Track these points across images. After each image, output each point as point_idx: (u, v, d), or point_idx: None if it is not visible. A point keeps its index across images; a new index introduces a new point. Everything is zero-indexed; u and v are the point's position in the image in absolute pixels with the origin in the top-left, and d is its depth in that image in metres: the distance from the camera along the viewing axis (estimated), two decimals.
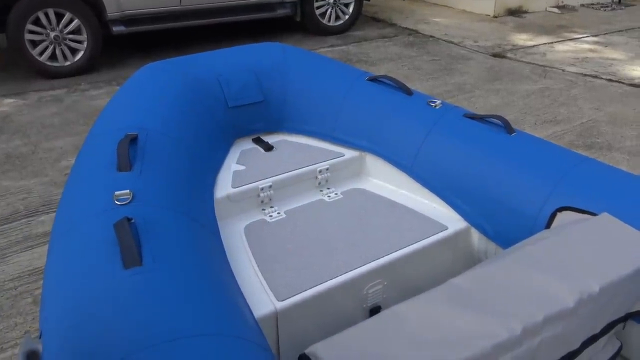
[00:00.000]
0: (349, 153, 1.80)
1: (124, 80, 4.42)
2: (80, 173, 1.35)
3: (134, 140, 1.40)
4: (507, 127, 1.56)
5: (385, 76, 1.85)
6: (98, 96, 4.04)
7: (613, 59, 4.94)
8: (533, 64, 4.82)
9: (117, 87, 4.26)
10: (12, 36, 4.10)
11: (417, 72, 4.56)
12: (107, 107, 1.62)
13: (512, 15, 6.63)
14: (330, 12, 5.57)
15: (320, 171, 1.72)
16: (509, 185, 1.43)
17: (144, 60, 4.94)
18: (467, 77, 4.47)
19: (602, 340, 1.13)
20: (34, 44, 4.22)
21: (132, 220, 1.11)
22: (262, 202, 1.62)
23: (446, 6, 7.08)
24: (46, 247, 2.20)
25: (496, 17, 6.49)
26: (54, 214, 2.48)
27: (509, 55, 5.06)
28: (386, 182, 1.76)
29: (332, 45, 5.34)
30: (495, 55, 5.04)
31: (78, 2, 4.27)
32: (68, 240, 1.12)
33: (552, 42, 5.51)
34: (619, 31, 5.99)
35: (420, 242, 1.45)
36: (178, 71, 1.75)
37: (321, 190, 1.72)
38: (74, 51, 4.40)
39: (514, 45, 5.36)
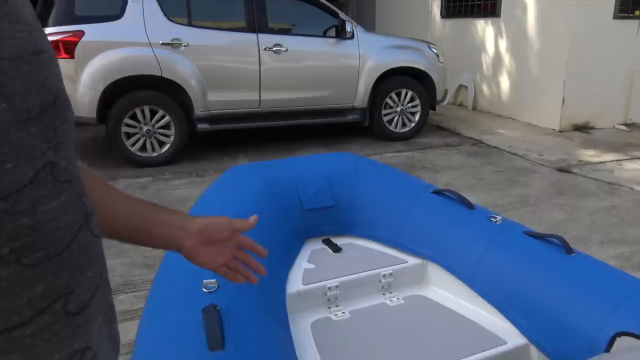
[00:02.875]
0: (412, 260, 1.90)
1: (202, 172, 4.80)
2: (172, 259, 1.53)
3: None
4: (566, 248, 1.63)
5: (448, 190, 1.98)
6: (179, 186, 4.39)
7: None
8: (600, 180, 4.81)
9: (197, 178, 4.63)
10: (111, 128, 4.62)
11: (481, 182, 4.67)
12: (197, 204, 1.84)
13: (578, 130, 6.71)
14: (397, 119, 5.88)
15: (384, 275, 1.83)
16: (568, 305, 1.47)
17: (222, 154, 5.36)
18: (531, 190, 4.52)
19: None
20: (128, 135, 4.71)
21: (217, 307, 1.26)
22: (328, 300, 1.73)
23: (511, 118, 7.27)
24: (124, 325, 2.37)
25: (562, 131, 6.59)
26: (132, 294, 2.69)
27: (574, 170, 5.09)
28: (447, 291, 1.84)
29: (397, 151, 5.58)
30: (560, 170, 5.09)
31: (171, 102, 4.79)
32: (159, 319, 1.27)
33: (620, 160, 5.50)
34: None
35: (478, 354, 1.50)
36: (261, 175, 1.96)
37: (384, 294, 1.82)
38: (161, 144, 4.86)
39: (580, 161, 5.40)
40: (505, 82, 7.37)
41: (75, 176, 0.62)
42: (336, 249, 1.95)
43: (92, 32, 4.39)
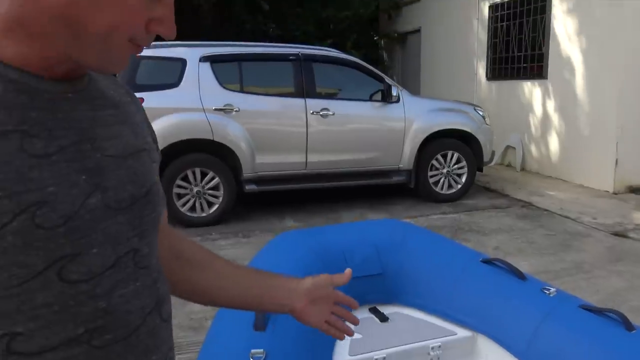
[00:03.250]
0: (461, 332, 1.85)
1: (249, 232, 4.88)
2: (221, 326, 1.55)
3: None
4: (625, 324, 1.56)
5: (499, 259, 1.95)
6: (226, 246, 4.47)
7: None
8: None
9: (243, 239, 4.70)
10: (164, 189, 4.79)
11: (532, 247, 4.54)
12: (250, 266, 1.87)
13: (633, 192, 6.47)
14: (444, 181, 5.85)
15: (432, 348, 1.78)
16: None
17: (268, 214, 5.44)
18: (585, 255, 4.35)
19: None
20: (179, 196, 4.88)
21: None
22: None
23: (561, 179, 7.11)
24: None
25: (616, 194, 6.37)
26: (178, 356, 2.70)
27: (631, 235, 4.88)
28: None
29: (443, 213, 5.52)
30: (616, 234, 4.88)
31: (221, 164, 4.96)
32: None
33: None
34: None
35: None
36: (309, 241, 1.99)
37: None
38: (210, 204, 4.99)
39: (637, 225, 5.18)
40: (554, 143, 7.26)
41: (153, 262, 0.67)
42: (383, 318, 1.93)
43: (151, 99, 4.66)
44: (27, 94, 0.55)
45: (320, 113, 5.23)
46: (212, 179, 4.94)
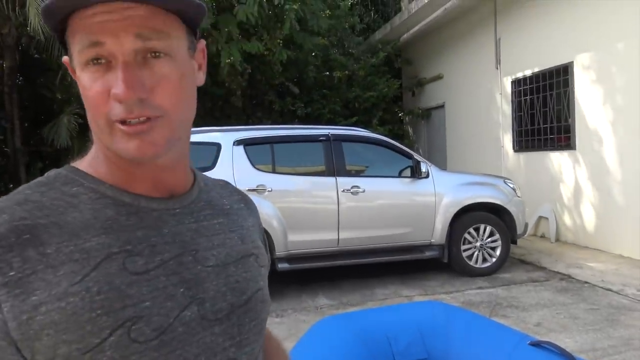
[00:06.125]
0: None
1: (282, 311, 4.83)
2: None
3: None
4: None
5: (548, 342, 1.90)
6: None
7: None
8: None
9: (277, 319, 4.65)
10: None
11: (575, 322, 4.37)
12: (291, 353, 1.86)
13: None
14: (477, 254, 5.76)
15: None
16: None
17: (300, 292, 5.40)
18: (634, 330, 4.16)
19: None
20: None
21: None
22: None
23: (599, 250, 6.92)
24: None
25: None
26: None
27: None
28: None
29: (479, 288, 5.40)
30: None
31: None
32: None
33: None
34: None
35: None
36: (350, 327, 1.98)
37: None
38: None
39: None
40: (588, 212, 7.14)
41: None
42: None
43: None
44: (137, 215, 0.61)
45: (351, 190, 5.30)
46: None
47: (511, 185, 6.08)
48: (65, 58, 0.64)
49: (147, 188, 0.63)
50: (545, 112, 7.84)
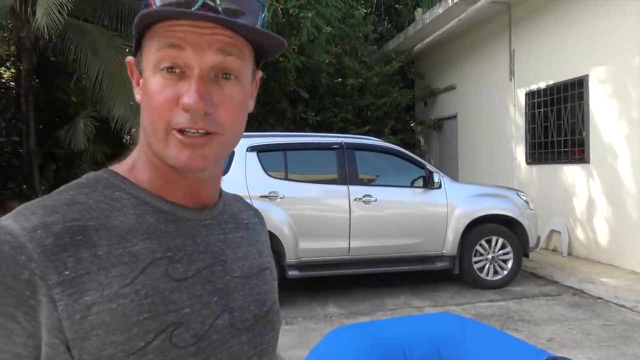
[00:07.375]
0: None
1: (291, 319, 4.82)
2: None
3: None
4: None
5: (565, 358, 1.87)
6: None
7: None
8: None
9: (286, 326, 4.63)
10: None
11: (588, 338, 4.31)
12: None
13: None
14: (489, 267, 5.72)
15: None
16: None
17: (310, 300, 5.38)
18: None
19: None
20: None
21: None
22: None
23: (612, 265, 6.84)
24: None
25: None
26: None
27: None
28: None
29: (490, 300, 5.35)
30: None
31: None
32: None
33: None
34: None
35: None
36: (365, 337, 1.97)
37: None
38: None
39: None
40: (602, 227, 7.07)
41: None
42: None
43: None
44: (174, 223, 0.62)
45: (363, 199, 5.29)
46: None
47: (524, 198, 6.04)
48: (129, 58, 0.66)
49: (183, 198, 0.65)
50: (559, 125, 7.79)
